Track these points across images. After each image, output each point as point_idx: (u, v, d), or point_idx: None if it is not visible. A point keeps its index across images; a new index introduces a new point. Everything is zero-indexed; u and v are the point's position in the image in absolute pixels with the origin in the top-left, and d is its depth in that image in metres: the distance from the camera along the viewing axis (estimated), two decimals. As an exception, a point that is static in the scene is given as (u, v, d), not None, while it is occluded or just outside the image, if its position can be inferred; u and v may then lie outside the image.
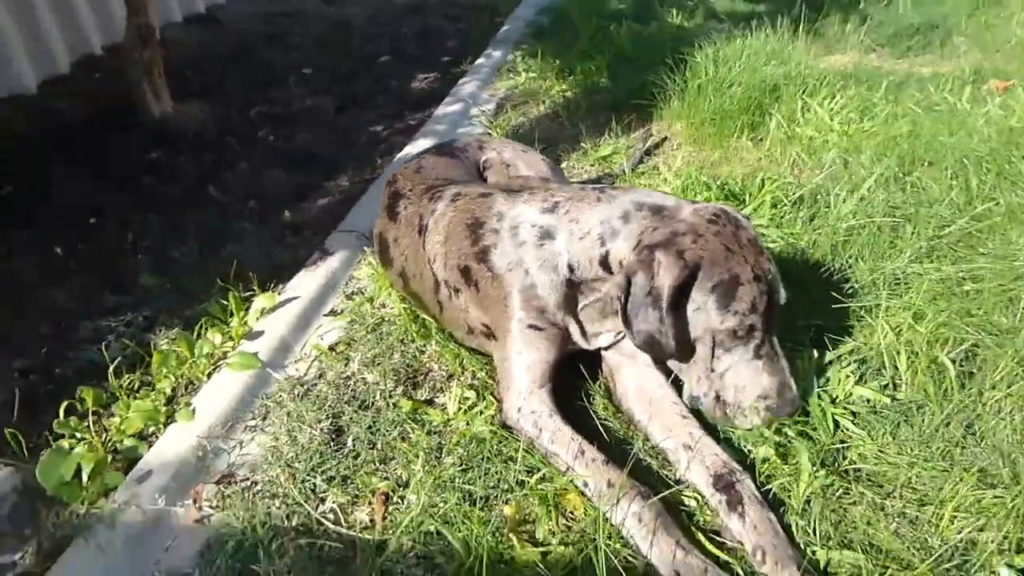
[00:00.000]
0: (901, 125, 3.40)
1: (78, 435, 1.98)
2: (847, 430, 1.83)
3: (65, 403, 2.05)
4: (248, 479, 1.89)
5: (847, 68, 4.48)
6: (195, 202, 3.48)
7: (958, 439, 1.77)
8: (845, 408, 1.88)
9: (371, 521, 1.76)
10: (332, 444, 1.96)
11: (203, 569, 1.64)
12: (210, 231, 3.19)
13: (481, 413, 2.00)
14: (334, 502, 1.79)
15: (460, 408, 2.04)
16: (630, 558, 1.59)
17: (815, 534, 1.59)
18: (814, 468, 1.70)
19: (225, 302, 2.47)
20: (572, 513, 1.73)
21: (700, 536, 1.64)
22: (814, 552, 1.56)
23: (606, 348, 2.07)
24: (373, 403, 2.09)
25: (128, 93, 4.33)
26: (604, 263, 1.87)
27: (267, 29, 6.26)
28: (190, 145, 4.09)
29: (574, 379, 2.07)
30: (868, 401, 1.90)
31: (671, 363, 1.91)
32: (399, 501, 1.79)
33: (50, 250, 3.06)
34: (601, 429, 1.92)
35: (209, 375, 2.25)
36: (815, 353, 2.01)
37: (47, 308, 2.70)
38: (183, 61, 5.27)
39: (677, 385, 1.94)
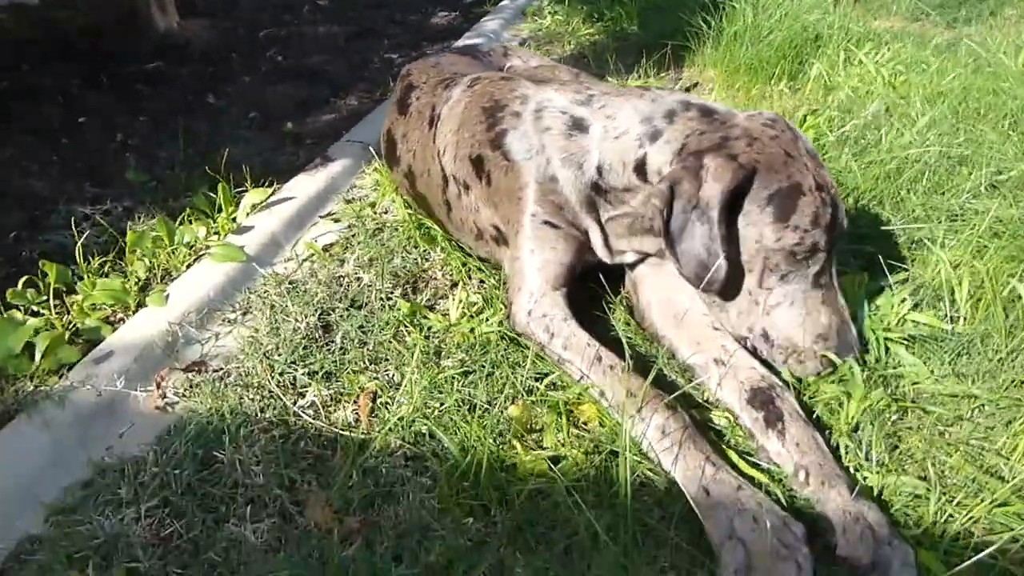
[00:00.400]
0: (953, 79, 3.16)
1: (35, 308, 1.77)
2: (899, 357, 1.61)
3: (25, 278, 1.84)
4: (221, 369, 1.68)
5: (892, 30, 4.24)
6: (192, 110, 3.26)
7: (1028, 373, 1.55)
8: (899, 335, 1.66)
9: (355, 420, 1.55)
10: (318, 340, 1.75)
11: (159, 454, 1.43)
12: (204, 134, 2.97)
13: (487, 320, 1.78)
14: (315, 396, 1.58)
15: (464, 315, 1.82)
16: (651, 473, 1.38)
17: (867, 459, 1.38)
18: (866, 389, 1.47)
19: (213, 195, 2.25)
20: (586, 424, 1.51)
21: (733, 455, 1.42)
22: (865, 478, 1.35)
23: (630, 265, 1.84)
24: (367, 303, 1.88)
25: (133, 7, 4.12)
26: (640, 169, 1.62)
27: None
28: (193, 59, 3.86)
29: (592, 291, 1.85)
30: (922, 331, 1.68)
31: (710, 300, 1.62)
32: (388, 402, 1.57)
33: (34, 144, 2.84)
34: (623, 343, 1.70)
35: (189, 267, 2.04)
36: (866, 277, 1.79)
37: (22, 196, 2.48)
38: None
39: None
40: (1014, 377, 1.53)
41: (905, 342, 1.64)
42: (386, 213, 2.32)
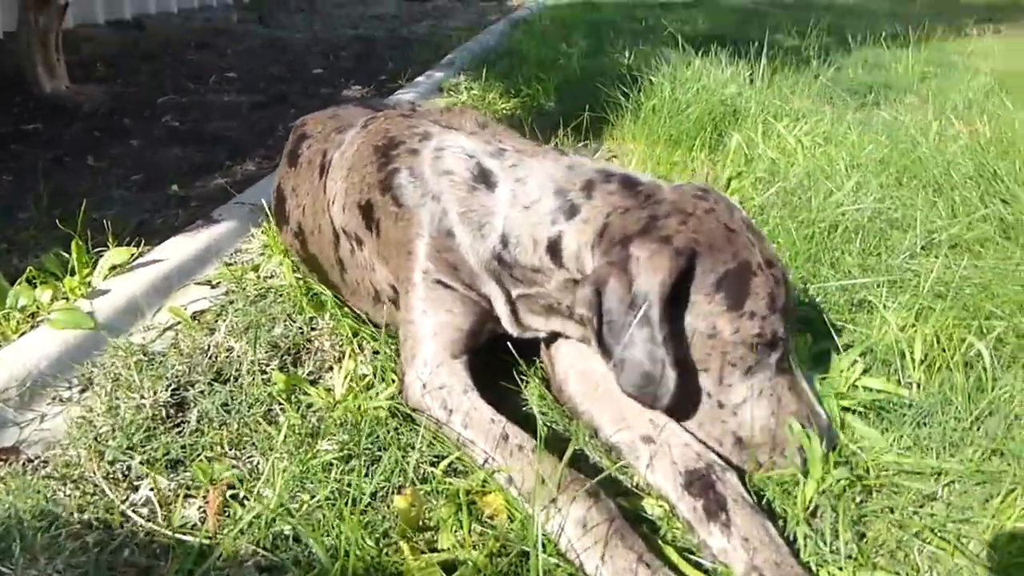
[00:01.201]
0: (872, 151, 3.12)
1: None
2: (855, 428, 1.40)
3: None
4: (38, 458, 1.34)
5: (807, 108, 4.27)
6: (68, 170, 2.94)
7: (998, 442, 1.35)
8: (852, 403, 1.45)
9: (202, 519, 1.22)
10: (167, 421, 1.43)
11: (-78, 573, 1.08)
12: (74, 195, 2.64)
13: (377, 395, 1.50)
14: (152, 490, 1.25)
15: (351, 390, 1.53)
16: (571, 579, 1.10)
17: (832, 551, 1.13)
18: (825, 467, 1.24)
19: (66, 255, 1.93)
20: (492, 518, 1.23)
21: (671, 552, 1.16)
22: (831, 575, 1.10)
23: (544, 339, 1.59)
24: (236, 376, 1.57)
25: (19, 69, 3.83)
26: (553, 250, 1.37)
27: (197, 38, 5.83)
28: (79, 121, 3.56)
29: (503, 360, 1.58)
30: (875, 400, 1.47)
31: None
32: (247, 496, 1.26)
33: None
34: (538, 421, 1.43)
35: (23, 336, 1.70)
36: (809, 338, 1.60)
37: None
38: (96, 55, 4.78)
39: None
40: (984, 447, 1.33)
41: (859, 411, 1.43)
42: (271, 278, 2.04)
